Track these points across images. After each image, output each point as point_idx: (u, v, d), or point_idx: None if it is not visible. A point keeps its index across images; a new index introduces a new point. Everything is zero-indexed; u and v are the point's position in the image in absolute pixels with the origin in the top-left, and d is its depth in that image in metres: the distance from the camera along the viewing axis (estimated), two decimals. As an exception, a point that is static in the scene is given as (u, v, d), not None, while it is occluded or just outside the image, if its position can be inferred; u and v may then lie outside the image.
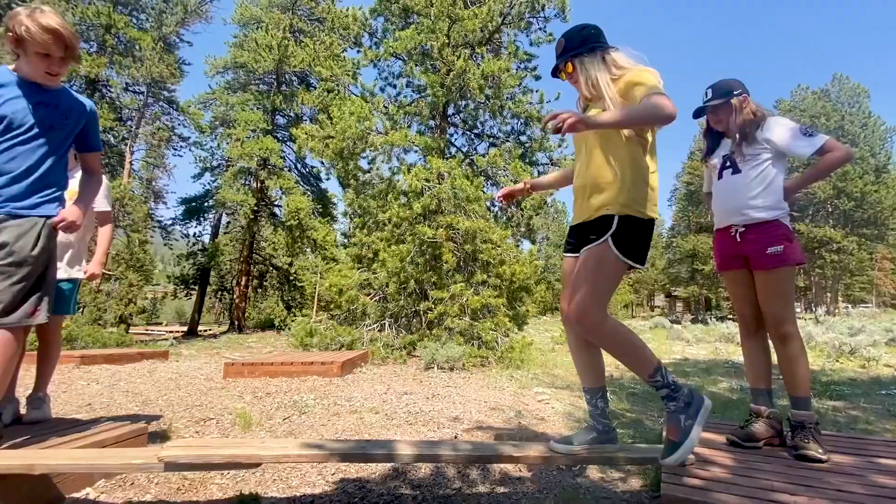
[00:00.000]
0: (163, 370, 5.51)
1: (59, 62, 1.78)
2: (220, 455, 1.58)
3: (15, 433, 1.95)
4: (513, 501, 1.90)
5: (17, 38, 1.71)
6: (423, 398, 3.93)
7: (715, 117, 2.26)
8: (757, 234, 2.08)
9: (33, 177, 1.77)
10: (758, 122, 2.12)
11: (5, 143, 1.71)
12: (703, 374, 5.98)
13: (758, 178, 2.10)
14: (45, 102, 1.79)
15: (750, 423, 2.11)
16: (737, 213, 2.14)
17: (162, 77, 16.39)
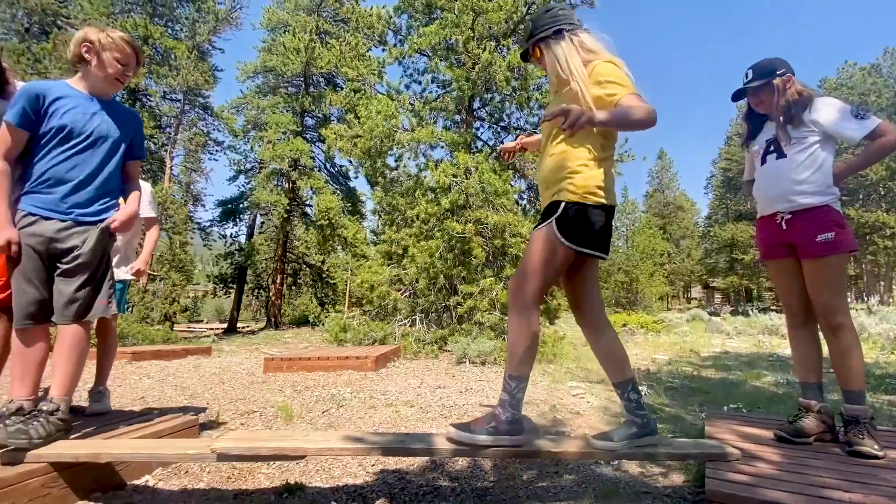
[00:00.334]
0: (207, 365, 5.78)
1: (131, 73, 1.96)
2: (268, 448, 1.66)
3: (81, 425, 2.10)
4: (551, 495, 1.91)
5: (98, 47, 1.86)
6: (457, 392, 3.96)
7: (756, 99, 2.15)
8: (804, 220, 1.98)
9: (94, 184, 1.89)
10: (804, 103, 2.00)
11: (67, 151, 1.83)
12: (746, 368, 5.76)
13: (805, 163, 1.99)
14: (101, 112, 1.91)
15: (799, 417, 2.03)
16: (782, 199, 2.04)
17: (197, 84, 17.02)
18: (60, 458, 1.68)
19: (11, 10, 16.44)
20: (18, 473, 1.59)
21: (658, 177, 46.93)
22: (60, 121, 1.81)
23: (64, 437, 1.82)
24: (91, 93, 1.93)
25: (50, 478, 1.66)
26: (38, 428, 1.69)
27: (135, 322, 11.56)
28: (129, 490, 1.86)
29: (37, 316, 1.80)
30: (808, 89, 2.05)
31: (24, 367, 1.82)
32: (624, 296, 30.16)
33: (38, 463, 1.65)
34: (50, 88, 1.85)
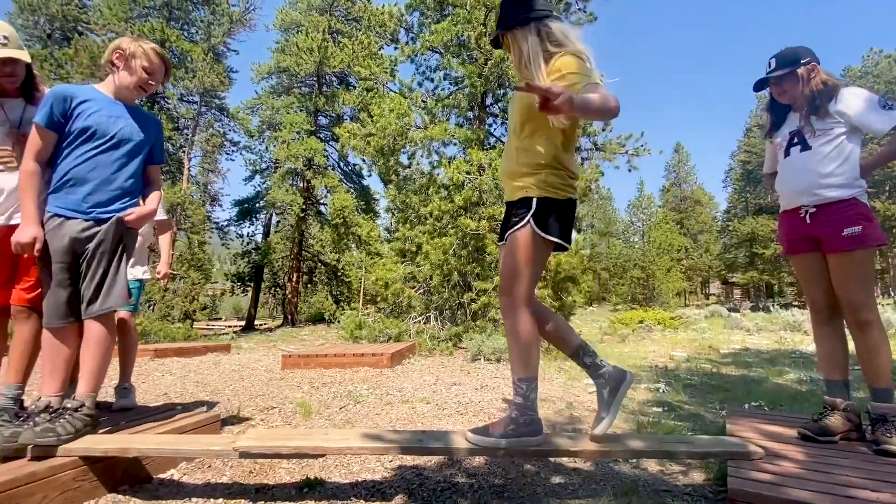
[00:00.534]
0: (226, 362, 5.89)
1: (156, 83, 2.03)
2: (289, 446, 1.69)
3: (108, 420, 2.16)
4: (569, 492, 1.90)
5: (129, 55, 1.93)
6: (472, 389, 3.97)
7: (779, 89, 2.08)
8: (829, 214, 1.92)
9: (115, 184, 1.94)
10: (829, 93, 1.94)
11: (90, 152, 1.88)
12: (768, 365, 5.65)
13: (831, 155, 1.93)
14: (124, 116, 1.97)
15: (824, 415, 1.98)
16: (807, 192, 1.98)
17: (213, 86, 17.29)
18: (89, 452, 1.73)
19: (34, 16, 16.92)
20: (50, 467, 1.64)
21: (675, 171, 46.13)
22: (85, 122, 1.87)
23: (92, 431, 1.88)
24: (116, 97, 1.99)
25: (80, 471, 1.72)
26: (66, 425, 1.75)
27: (156, 320, 11.84)
28: (155, 483, 1.91)
29: (66, 315, 1.86)
30: (834, 79, 1.99)
31: (54, 365, 1.88)
32: (640, 292, 29.79)
33: (68, 457, 1.70)
34: (76, 91, 1.90)
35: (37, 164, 1.84)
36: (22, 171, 1.82)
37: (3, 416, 1.81)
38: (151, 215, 2.09)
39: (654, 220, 37.40)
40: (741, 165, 37.94)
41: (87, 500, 1.71)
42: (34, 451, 1.68)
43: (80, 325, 1.90)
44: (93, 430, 1.89)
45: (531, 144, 1.70)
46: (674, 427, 2.84)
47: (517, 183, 1.72)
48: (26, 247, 1.76)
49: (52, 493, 1.63)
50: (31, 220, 1.78)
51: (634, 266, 30.65)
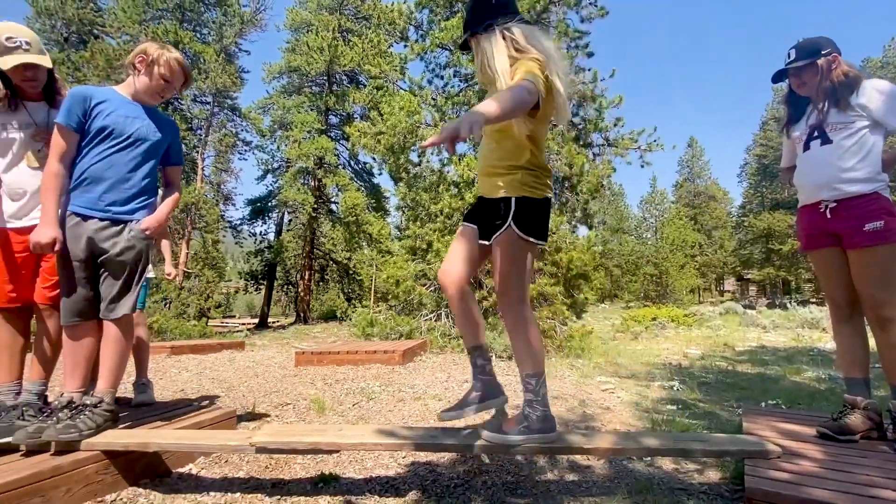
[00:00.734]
0: (241, 359, 5.97)
1: (172, 90, 2.07)
2: (304, 442, 1.71)
3: (128, 415, 2.21)
4: (583, 490, 1.89)
5: (151, 61, 1.98)
6: (484, 386, 3.97)
7: (798, 81, 2.03)
8: (850, 209, 1.88)
9: (130, 183, 1.97)
10: (850, 85, 1.89)
11: (106, 151, 1.92)
12: (785, 363, 5.55)
13: (852, 149, 1.89)
14: (141, 117, 2.01)
15: (844, 414, 1.95)
16: (827, 187, 1.94)
17: (225, 87, 17.48)
18: (111, 446, 1.78)
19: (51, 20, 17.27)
20: (74, 461, 1.69)
21: (688, 166, 45.44)
22: (103, 122, 1.91)
23: (112, 426, 1.92)
24: (134, 98, 2.03)
25: (103, 465, 1.76)
26: (86, 420, 1.79)
27: (172, 318, 12.04)
28: (174, 477, 1.95)
29: (84, 313, 1.90)
30: (855, 70, 1.94)
31: (74, 362, 1.93)
32: (653, 289, 29.46)
33: (91, 451, 1.75)
34: (95, 92, 1.95)
35: (60, 166, 1.88)
36: (46, 172, 1.87)
37: (28, 412, 1.87)
38: (167, 219, 2.12)
39: (667, 217, 36.91)
40: (757, 160, 37.27)
41: (110, 493, 1.75)
42: (58, 446, 1.72)
43: (98, 323, 1.95)
44: (113, 426, 1.93)
45: (504, 147, 1.72)
46: (688, 425, 2.81)
47: (496, 182, 1.73)
48: (45, 247, 1.79)
49: (75, 486, 1.67)
50: (51, 221, 1.82)
51: (647, 263, 30.32)
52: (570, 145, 8.28)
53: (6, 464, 1.64)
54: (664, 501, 1.74)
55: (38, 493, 1.57)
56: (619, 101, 8.95)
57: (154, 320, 9.97)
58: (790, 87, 2.11)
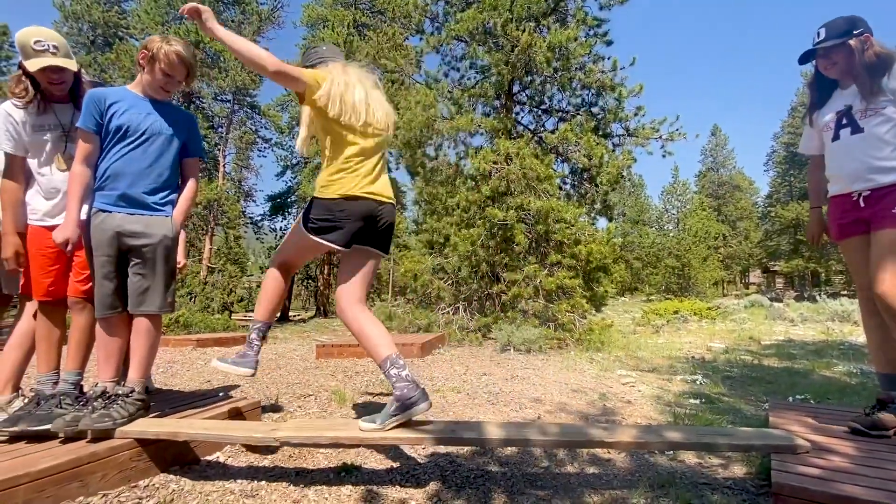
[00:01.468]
0: (264, 351, 6.10)
1: (177, 84, 2.09)
2: (327, 437, 1.75)
3: (158, 405, 2.29)
4: (603, 483, 1.88)
5: (150, 56, 2.00)
6: (503, 379, 3.97)
7: (827, 62, 1.92)
8: (883, 196, 1.80)
9: (152, 177, 2.03)
10: (883, 66, 1.78)
11: (125, 148, 1.98)
12: (814, 357, 5.39)
13: (886, 137, 1.79)
14: (153, 112, 2.05)
15: (877, 409, 1.88)
16: (860, 178, 1.86)
17: (244, 85, 17.76)
18: (144, 435, 1.84)
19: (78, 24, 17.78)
20: (109, 448, 1.76)
21: (712, 155, 44.23)
22: (119, 121, 1.96)
23: (144, 415, 2.00)
24: (144, 94, 2.07)
25: (136, 452, 1.83)
26: (119, 409, 1.87)
27: (197, 311, 12.38)
28: (202, 465, 2.02)
29: (114, 305, 1.97)
30: (888, 50, 1.83)
31: (107, 353, 2.01)
32: (675, 282, 28.87)
33: (125, 439, 1.82)
34: (108, 93, 2.00)
35: (84, 168, 1.95)
36: (70, 175, 1.95)
37: (66, 401, 1.95)
38: (188, 211, 2.18)
39: (689, 207, 36.04)
40: (784, 147, 36.05)
41: (142, 479, 1.82)
42: (93, 434, 1.80)
43: (129, 315, 2.02)
44: (145, 414, 2.01)
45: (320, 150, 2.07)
46: (712, 420, 2.76)
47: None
48: (61, 246, 1.91)
49: (111, 472, 1.75)
50: (70, 222, 1.91)
51: (669, 255, 29.70)
52: (589, 136, 8.15)
53: (47, 450, 1.72)
54: (687, 496, 1.72)
55: (77, 477, 1.64)
56: (640, 89, 8.75)
57: (180, 314, 10.27)
58: (817, 70, 2.00)
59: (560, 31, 8.00)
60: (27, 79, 2.01)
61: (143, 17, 16.63)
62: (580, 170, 9.25)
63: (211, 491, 1.76)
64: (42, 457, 1.64)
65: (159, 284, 2.01)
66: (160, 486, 1.80)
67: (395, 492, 1.78)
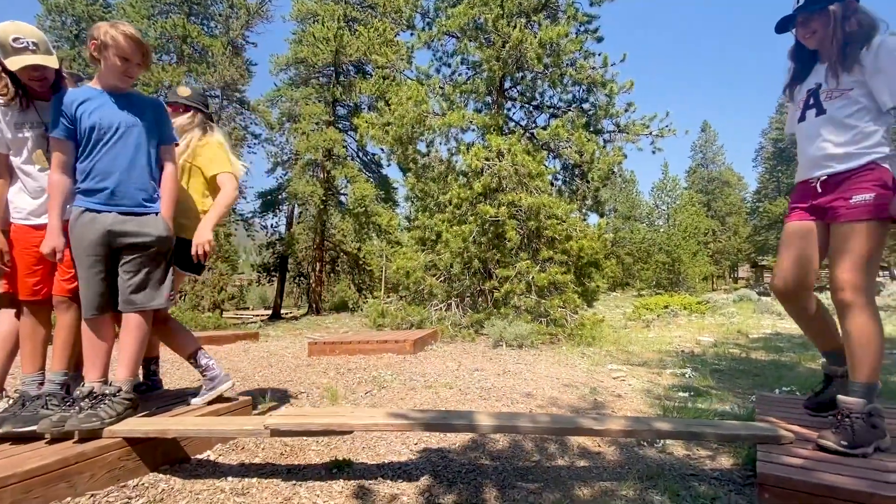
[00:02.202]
0: (255, 349, 6.08)
1: (136, 67, 2.01)
2: (317, 423, 1.74)
3: (147, 404, 2.27)
4: (593, 475, 1.91)
5: (101, 45, 1.94)
6: (495, 374, 3.99)
7: (806, 30, 1.75)
8: (840, 182, 1.69)
9: (137, 172, 2.00)
10: (864, 37, 1.62)
11: (103, 147, 1.95)
12: (801, 350, 5.49)
13: (846, 122, 1.65)
14: (123, 104, 2.01)
15: (825, 388, 1.88)
16: (817, 164, 1.75)
17: (233, 79, 17.53)
18: (132, 433, 1.83)
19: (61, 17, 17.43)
20: (97, 447, 1.74)
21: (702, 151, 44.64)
22: (90, 121, 1.93)
23: (132, 414, 1.98)
24: (106, 88, 2.01)
25: (125, 451, 1.82)
26: (107, 409, 1.85)
27: (187, 310, 12.26)
28: (193, 463, 2.01)
29: (103, 306, 1.95)
30: (871, 18, 1.65)
31: (94, 353, 1.99)
32: (665, 277, 29.17)
33: (113, 438, 1.80)
34: (75, 95, 1.96)
35: (61, 176, 1.92)
36: (48, 183, 1.92)
37: (52, 401, 1.93)
38: (174, 198, 2.15)
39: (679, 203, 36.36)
40: (772, 143, 36.48)
41: (132, 478, 1.81)
42: (80, 434, 1.78)
43: (116, 315, 2.00)
44: (133, 413, 1.99)
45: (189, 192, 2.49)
46: (700, 412, 2.80)
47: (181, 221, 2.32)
48: (49, 256, 1.89)
49: (99, 472, 1.73)
50: (52, 230, 1.89)
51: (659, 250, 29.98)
52: (580, 132, 8.18)
53: (34, 450, 1.70)
54: (675, 487, 1.75)
55: (65, 478, 1.62)
56: (630, 86, 8.80)
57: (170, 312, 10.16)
58: (797, 39, 1.84)
59: (551, 28, 8.00)
60: (7, 76, 1.97)
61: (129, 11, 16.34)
62: (571, 166, 9.30)
63: (201, 489, 1.76)
64: (29, 457, 1.62)
65: (154, 282, 2.00)
66: (150, 485, 1.79)
67: (387, 487, 1.78)
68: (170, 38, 16.67)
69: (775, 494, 1.41)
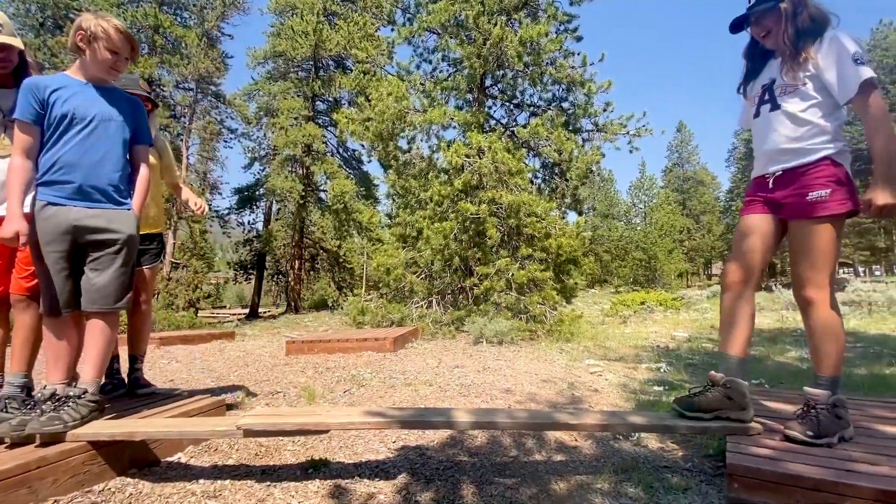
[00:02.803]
0: (231, 349, 5.95)
1: (124, 62, 1.96)
2: (292, 423, 1.71)
3: (116, 406, 2.19)
4: (570, 469, 1.93)
5: (90, 36, 1.86)
6: (474, 371, 4.00)
7: (760, 29, 1.75)
8: (795, 177, 1.70)
9: (108, 167, 1.93)
10: (816, 31, 1.64)
11: (74, 138, 1.86)
12: (769, 343, 5.67)
13: (802, 116, 1.67)
14: (99, 98, 1.93)
15: (702, 392, 1.83)
16: (772, 160, 1.76)
17: (208, 72, 17.07)
18: (97, 436, 1.76)
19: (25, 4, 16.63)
20: (60, 452, 1.67)
21: (677, 151, 45.74)
22: (63, 108, 1.84)
23: (98, 416, 1.90)
24: (88, 80, 1.94)
25: (89, 455, 1.75)
26: (70, 412, 1.77)
27: (160, 309, 11.92)
28: (163, 466, 1.95)
29: (66, 304, 1.87)
30: (824, 12, 1.66)
31: (56, 354, 1.90)
32: (642, 274, 29.81)
33: (77, 442, 1.73)
34: (48, 81, 1.87)
35: (24, 160, 1.82)
36: (9, 167, 1.81)
37: (11, 405, 1.84)
38: (145, 199, 2.08)
39: (655, 202, 37.20)
40: (745, 144, 37.57)
41: (97, 483, 1.74)
42: (42, 438, 1.71)
43: (80, 313, 1.92)
44: (99, 416, 1.92)
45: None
46: (674, 405, 2.86)
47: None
48: (10, 241, 1.75)
49: (62, 477, 1.66)
50: (14, 215, 1.77)
51: (636, 248, 30.61)
52: (559, 131, 8.26)
53: (-10, 456, 1.62)
54: (648, 479, 1.78)
55: (25, 483, 1.55)
56: (608, 85, 8.93)
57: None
58: (752, 38, 1.85)
59: (531, 26, 8.05)
60: None
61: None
62: (551, 164, 9.39)
63: (171, 493, 1.70)
64: (-15, 463, 1.54)
65: (120, 281, 1.92)
66: (117, 489, 1.72)
67: (364, 486, 1.76)
68: (141, 27, 16.11)
69: (744, 484, 1.45)
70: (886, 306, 9.30)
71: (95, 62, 1.90)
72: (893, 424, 1.84)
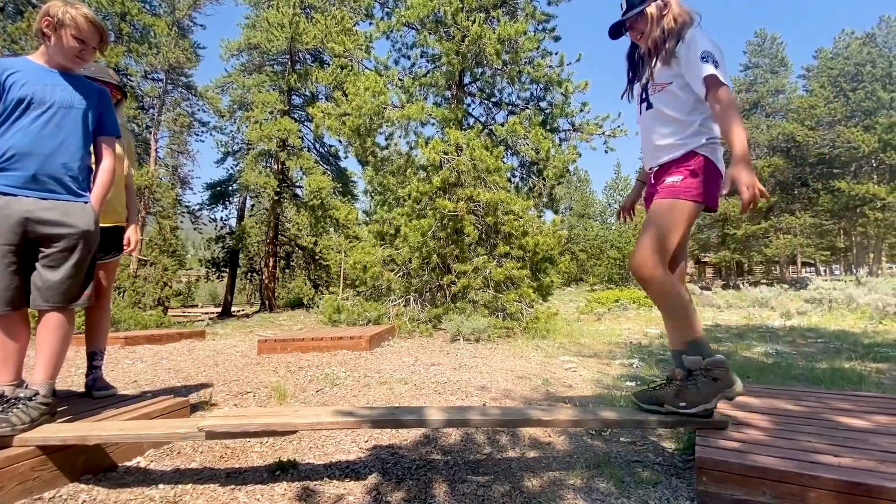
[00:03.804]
0: (201, 348, 5.75)
1: (91, 51, 1.88)
2: (256, 424, 1.64)
3: (71, 408, 2.07)
4: (543, 466, 1.92)
5: (57, 23, 1.77)
6: (451, 369, 3.98)
7: (635, 33, 1.82)
8: (661, 172, 1.79)
9: (66, 156, 1.81)
10: (677, 33, 1.69)
11: (29, 125, 1.75)
12: (736, 340, 5.85)
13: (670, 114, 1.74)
14: (61, 84, 1.83)
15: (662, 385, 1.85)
16: (649, 156, 1.85)
17: (179, 63, 16.52)
18: (47, 441, 1.66)
19: (-20, -14, 15.70)
20: (6, 458, 1.56)
21: (651, 152, 46.69)
22: (20, 93, 1.73)
23: (50, 420, 1.79)
24: (52, 67, 1.85)
25: (39, 461, 1.64)
26: (20, 414, 1.66)
27: (126, 307, 11.47)
28: (120, 471, 1.85)
29: (13, 301, 1.75)
30: (686, 14, 1.73)
31: (5, 354, 1.78)
32: (617, 272, 30.39)
33: (25, 447, 1.62)
34: (6, 63, 1.77)
35: None
36: None
37: (-47, 407, 1.71)
38: (106, 196, 1.97)
39: (630, 202, 37.91)
40: (715, 147, 38.65)
41: (48, 490, 1.64)
42: (-14, 443, 1.59)
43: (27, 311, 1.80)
44: (51, 419, 1.81)
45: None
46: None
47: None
48: None
49: (9, 484, 1.55)
50: None
51: (611, 247, 31.19)
52: (536, 130, 8.31)
53: (-76, 464, 1.50)
54: (620, 473, 1.79)
55: (-36, 493, 1.44)
56: (585, 86, 9.03)
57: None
58: (633, 42, 1.91)
59: (510, 24, 8.06)
60: None
61: (59, -17, 14.97)
62: (528, 163, 9.45)
63: (128, 499, 1.62)
64: (-83, 473, 1.43)
65: (76, 277, 1.81)
66: (69, 497, 1.62)
67: (333, 487, 1.71)
68: (107, 14, 15.44)
69: (712, 477, 1.46)
70: (845, 304, 9.74)
71: (61, 49, 1.81)
72: (854, 416, 1.90)
